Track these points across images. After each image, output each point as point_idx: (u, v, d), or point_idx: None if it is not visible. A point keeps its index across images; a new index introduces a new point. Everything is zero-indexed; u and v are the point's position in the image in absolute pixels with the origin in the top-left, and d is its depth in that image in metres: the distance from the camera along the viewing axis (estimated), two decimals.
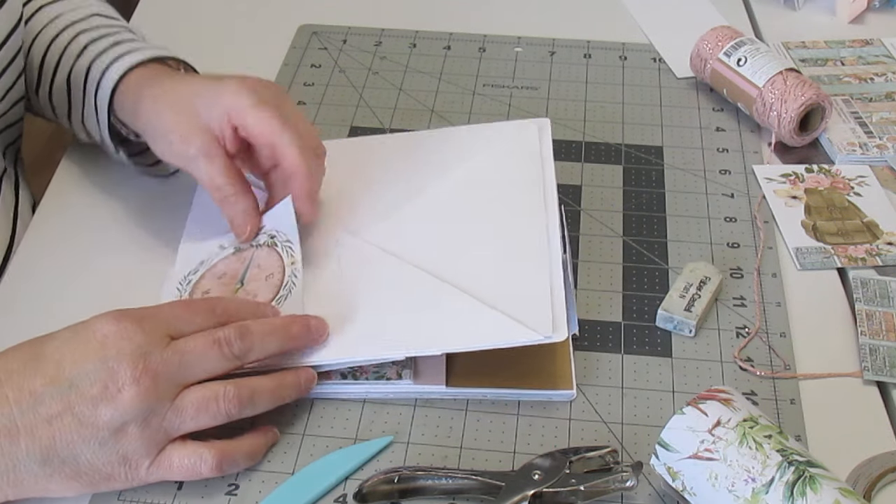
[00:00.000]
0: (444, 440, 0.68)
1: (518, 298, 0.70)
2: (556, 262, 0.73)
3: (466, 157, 0.84)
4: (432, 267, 0.74)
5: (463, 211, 0.80)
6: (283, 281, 0.74)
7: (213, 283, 0.76)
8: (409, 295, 0.73)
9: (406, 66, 1.03)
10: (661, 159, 0.91)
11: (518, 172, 0.81)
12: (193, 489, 0.65)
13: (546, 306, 0.69)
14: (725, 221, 0.85)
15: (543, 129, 0.84)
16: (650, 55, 1.04)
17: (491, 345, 0.68)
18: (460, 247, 0.76)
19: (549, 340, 0.67)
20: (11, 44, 0.82)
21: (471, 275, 0.73)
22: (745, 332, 0.75)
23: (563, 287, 0.71)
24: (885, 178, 0.89)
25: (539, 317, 0.69)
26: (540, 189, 0.79)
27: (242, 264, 0.77)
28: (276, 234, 0.77)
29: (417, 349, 0.69)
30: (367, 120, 0.96)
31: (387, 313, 0.72)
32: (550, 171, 0.81)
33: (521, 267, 0.73)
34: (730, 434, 0.59)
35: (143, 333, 0.62)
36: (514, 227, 0.77)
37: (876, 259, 0.81)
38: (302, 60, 1.04)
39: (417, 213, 0.80)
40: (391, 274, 0.75)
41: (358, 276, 0.75)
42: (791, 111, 0.89)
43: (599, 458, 0.65)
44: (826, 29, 1.08)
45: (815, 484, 0.56)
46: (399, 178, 0.83)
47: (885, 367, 0.72)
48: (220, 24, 1.10)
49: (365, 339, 0.70)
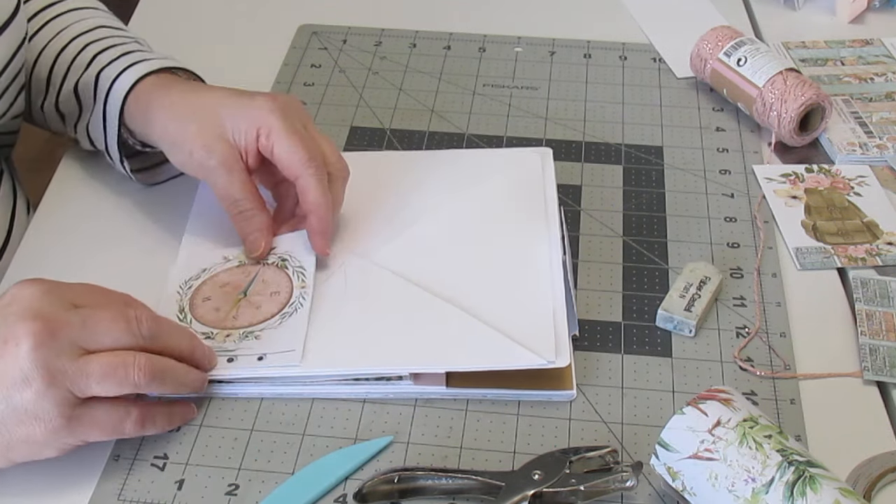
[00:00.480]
0: (444, 440, 0.68)
1: (521, 323, 0.72)
2: (558, 288, 0.75)
3: (472, 182, 0.85)
4: (437, 288, 0.75)
5: (467, 234, 0.81)
6: (289, 300, 0.75)
7: (214, 290, 0.76)
8: (414, 315, 0.74)
9: (406, 66, 1.03)
10: (661, 159, 0.91)
11: (522, 198, 0.83)
12: (193, 489, 0.65)
13: (549, 331, 0.71)
14: (725, 221, 0.85)
15: (546, 157, 0.87)
16: (650, 55, 1.04)
17: (494, 366, 0.69)
18: (464, 270, 0.78)
19: (551, 365, 0.69)
20: (17, 61, 0.82)
21: (475, 298, 0.75)
22: (745, 332, 0.75)
23: (565, 312, 0.73)
24: (885, 178, 0.89)
25: (542, 342, 0.70)
26: (543, 215, 0.81)
27: (247, 277, 0.77)
28: (288, 258, 0.78)
29: (420, 367, 0.70)
30: (367, 120, 0.96)
31: (391, 332, 0.73)
32: (553, 199, 0.83)
33: (524, 291, 0.75)
34: (730, 434, 0.59)
35: (50, 295, 0.63)
36: (518, 251, 0.79)
37: (876, 259, 0.81)
38: (302, 60, 1.04)
39: (422, 235, 0.81)
40: (396, 293, 0.76)
41: (363, 295, 0.76)
42: (791, 111, 0.89)
43: (599, 458, 0.65)
44: (826, 29, 1.08)
45: (815, 484, 0.56)
46: (405, 199, 0.84)
47: (885, 367, 0.72)
48: (220, 24, 1.10)
49: (368, 355, 0.71)
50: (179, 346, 0.67)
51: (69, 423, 0.62)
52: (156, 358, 0.65)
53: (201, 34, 1.08)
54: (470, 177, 0.86)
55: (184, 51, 0.87)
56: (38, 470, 0.65)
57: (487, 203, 0.83)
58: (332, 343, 0.72)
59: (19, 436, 0.61)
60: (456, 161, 0.89)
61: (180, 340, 0.68)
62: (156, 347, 0.65)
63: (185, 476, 0.66)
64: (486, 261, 0.78)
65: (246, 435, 0.69)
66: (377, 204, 0.84)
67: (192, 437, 0.68)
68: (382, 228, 0.81)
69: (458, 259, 0.79)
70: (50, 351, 0.61)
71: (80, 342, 0.62)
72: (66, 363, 0.61)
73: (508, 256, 0.78)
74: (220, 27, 1.10)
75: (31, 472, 0.65)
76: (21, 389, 0.60)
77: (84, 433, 0.63)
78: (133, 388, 0.63)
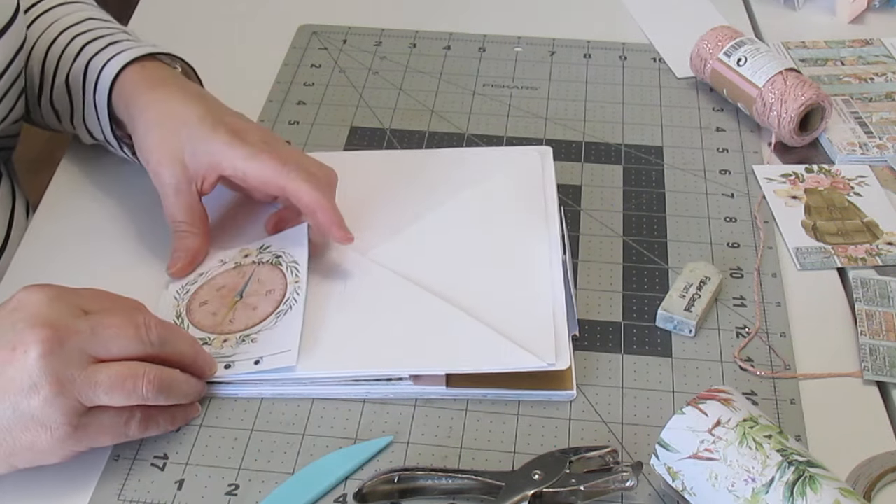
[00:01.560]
0: (444, 440, 0.68)
1: (522, 325, 0.72)
2: (558, 288, 0.75)
3: (472, 182, 0.85)
4: (436, 288, 0.75)
5: (467, 234, 0.81)
6: (283, 297, 0.75)
7: (211, 294, 0.76)
8: (414, 315, 0.74)
9: (406, 66, 1.03)
10: (661, 159, 0.91)
11: (522, 198, 0.83)
12: (194, 489, 0.65)
13: (549, 333, 0.71)
14: (725, 221, 0.85)
15: (546, 155, 0.87)
16: (650, 55, 1.04)
17: (494, 368, 0.69)
18: (464, 270, 0.78)
19: (552, 368, 0.69)
20: (16, 65, 0.82)
21: (475, 299, 0.75)
22: (745, 332, 0.75)
23: (564, 313, 0.73)
24: (885, 178, 0.89)
25: (542, 344, 0.70)
26: (543, 216, 0.81)
27: (243, 278, 0.77)
28: (282, 254, 0.78)
29: (420, 368, 0.70)
30: (367, 120, 0.96)
31: (391, 332, 0.73)
32: (553, 199, 0.83)
33: (523, 292, 0.75)
34: (730, 434, 0.59)
35: (58, 301, 0.62)
36: (518, 252, 0.79)
37: (876, 259, 0.81)
38: (302, 60, 1.04)
39: (422, 235, 0.81)
40: (396, 294, 0.76)
41: (363, 296, 0.76)
42: (791, 111, 0.89)
43: (599, 458, 0.65)
44: (826, 29, 1.08)
45: (815, 484, 0.56)
46: (405, 198, 0.84)
47: (885, 367, 0.72)
48: (220, 24, 1.10)
49: (368, 355, 0.71)
50: (184, 352, 0.67)
51: (75, 432, 0.62)
52: (164, 370, 0.64)
53: (201, 34, 1.08)
54: (469, 175, 0.86)
55: (184, 51, 0.87)
56: (38, 470, 0.65)
57: (487, 202, 0.83)
58: (331, 344, 0.72)
59: (24, 442, 0.61)
60: (455, 159, 0.89)
61: (185, 347, 0.68)
62: (162, 354, 0.65)
63: (185, 476, 0.66)
64: (486, 260, 0.78)
65: (246, 435, 0.69)
66: (376, 203, 0.84)
67: (192, 437, 0.68)
68: (382, 227, 0.81)
69: (457, 258, 0.79)
70: (59, 359, 0.60)
71: (89, 350, 0.62)
72: (75, 372, 0.61)
73: (508, 255, 0.78)
74: (220, 27, 1.10)
75: (32, 472, 0.65)
76: (29, 397, 0.60)
77: (90, 441, 0.63)
78: (140, 400, 0.63)
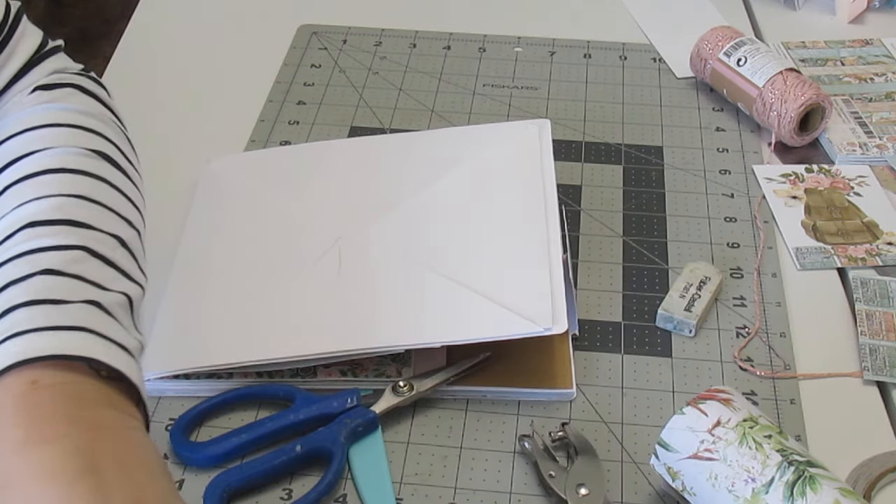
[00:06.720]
0: (445, 440, 0.68)
1: (518, 292, 0.71)
2: (555, 258, 0.74)
3: (467, 157, 0.84)
4: (432, 263, 0.75)
5: (463, 208, 0.80)
6: None
7: None
8: (409, 290, 0.73)
9: (406, 66, 1.03)
10: (661, 159, 0.91)
11: (518, 171, 0.82)
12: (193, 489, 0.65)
13: (546, 299, 0.70)
14: (725, 221, 0.85)
15: (543, 128, 0.85)
16: (650, 55, 1.04)
17: (490, 337, 0.68)
18: (461, 243, 0.77)
19: (548, 332, 0.68)
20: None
21: (471, 270, 0.74)
22: (745, 332, 0.75)
23: (562, 281, 0.72)
24: (885, 178, 0.89)
25: (538, 309, 0.69)
26: (540, 187, 0.80)
27: None
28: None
29: (417, 342, 0.69)
30: (367, 120, 0.96)
31: (387, 308, 0.72)
32: (550, 170, 0.81)
33: (521, 262, 0.74)
34: (730, 434, 0.59)
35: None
36: (515, 223, 0.77)
37: (876, 259, 0.81)
38: (302, 60, 1.04)
39: (418, 211, 0.80)
40: (392, 269, 0.75)
41: (359, 272, 0.75)
42: (791, 111, 0.89)
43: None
44: (826, 29, 1.08)
45: (815, 484, 0.56)
46: (400, 176, 0.84)
47: (885, 367, 0.72)
48: (220, 24, 1.10)
49: (364, 332, 0.70)
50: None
51: None
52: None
53: (201, 34, 1.08)
54: (466, 151, 0.85)
55: (184, 51, 0.87)
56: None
57: (483, 176, 0.82)
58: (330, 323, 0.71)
59: None
60: (452, 137, 0.88)
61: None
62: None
63: (185, 476, 0.66)
64: (482, 233, 0.77)
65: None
66: (372, 182, 0.83)
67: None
68: (378, 204, 0.81)
69: (453, 231, 0.78)
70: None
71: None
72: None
73: (505, 228, 0.77)
74: (220, 27, 1.10)
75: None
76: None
77: None
78: None
